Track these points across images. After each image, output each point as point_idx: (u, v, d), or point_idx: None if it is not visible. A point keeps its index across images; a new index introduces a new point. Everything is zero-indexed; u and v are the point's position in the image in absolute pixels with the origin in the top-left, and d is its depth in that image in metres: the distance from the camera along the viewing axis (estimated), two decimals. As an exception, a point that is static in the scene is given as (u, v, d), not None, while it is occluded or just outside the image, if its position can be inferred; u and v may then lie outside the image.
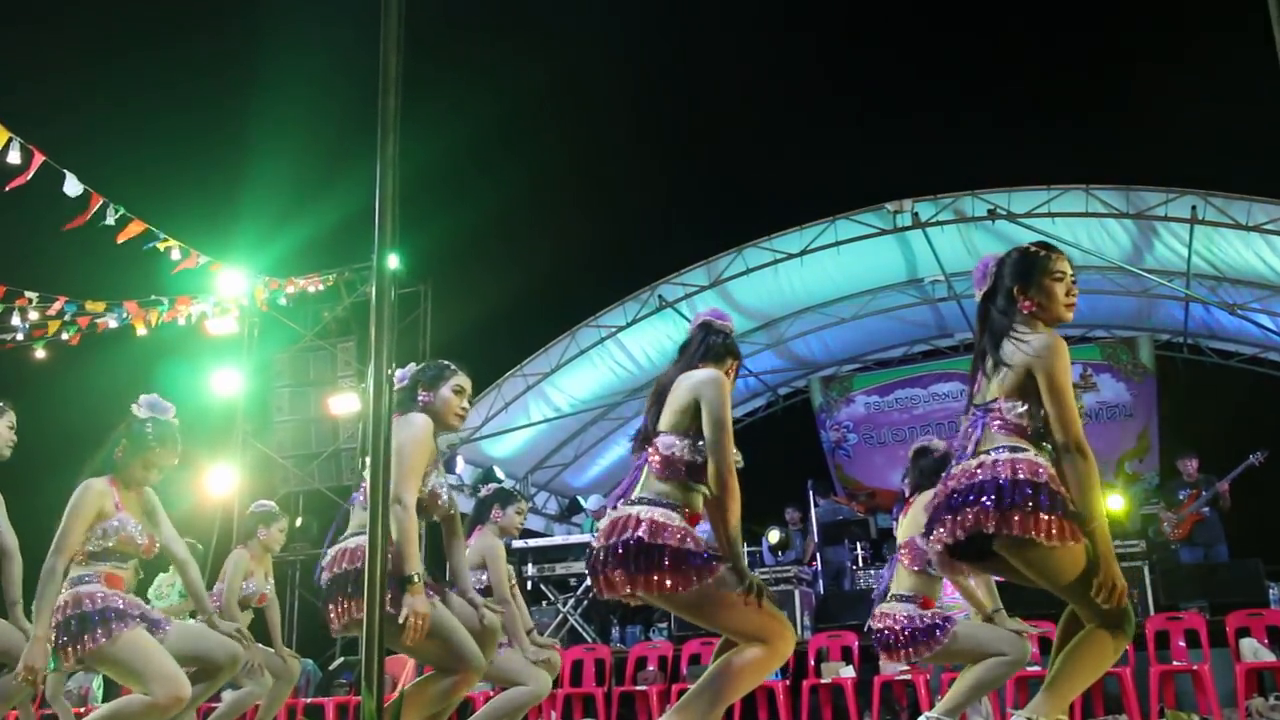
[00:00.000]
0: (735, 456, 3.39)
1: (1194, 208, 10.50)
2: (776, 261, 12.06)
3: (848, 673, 8.12)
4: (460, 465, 12.88)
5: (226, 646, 4.20)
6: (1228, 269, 11.56)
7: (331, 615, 3.58)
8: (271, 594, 6.37)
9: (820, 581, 11.01)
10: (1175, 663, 7.41)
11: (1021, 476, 2.99)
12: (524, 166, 14.41)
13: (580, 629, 10.32)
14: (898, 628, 4.77)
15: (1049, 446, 3.14)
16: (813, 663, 8.35)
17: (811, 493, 11.88)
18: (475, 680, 3.63)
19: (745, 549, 9.84)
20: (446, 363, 3.98)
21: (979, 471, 3.06)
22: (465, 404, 3.97)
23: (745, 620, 3.15)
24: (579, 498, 14.96)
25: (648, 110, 16.13)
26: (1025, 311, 3.23)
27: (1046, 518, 2.92)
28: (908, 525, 4.98)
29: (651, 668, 8.66)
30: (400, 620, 3.40)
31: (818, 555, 11.44)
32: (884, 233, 11.67)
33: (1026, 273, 3.26)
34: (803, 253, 11.85)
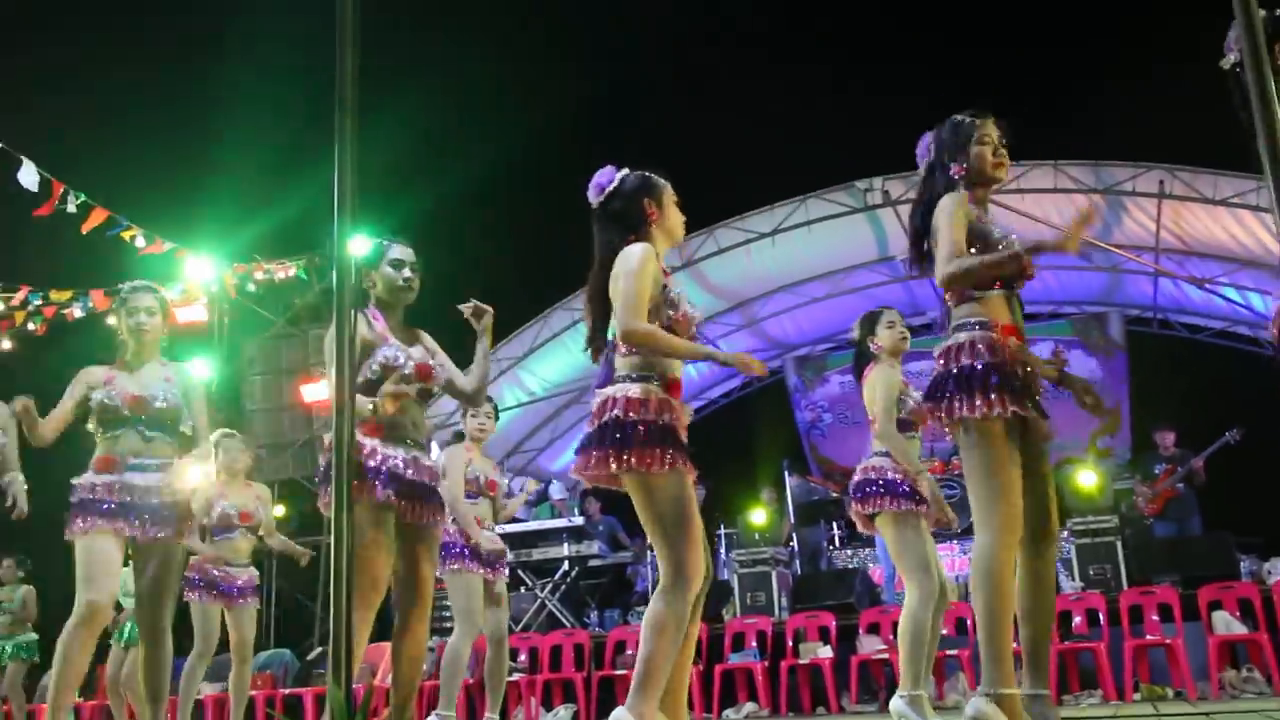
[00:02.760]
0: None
1: (1161, 182, 10.54)
2: (748, 241, 12.04)
3: (825, 653, 8.13)
4: (435, 451, 12.80)
5: None
6: (1195, 243, 11.61)
7: None
8: None
9: (797, 561, 11.03)
10: (1149, 636, 7.46)
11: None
12: (489, 151, 14.29)
13: (559, 614, 10.30)
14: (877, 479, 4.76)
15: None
16: (790, 643, 8.36)
17: (787, 473, 11.88)
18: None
19: (723, 529, 9.78)
20: None
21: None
22: None
23: (670, 546, 3.04)
24: (552, 483, 14.91)
25: (610, 92, 16.05)
26: (956, 177, 3.31)
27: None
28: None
29: (630, 651, 8.64)
30: None
31: (793, 535, 11.45)
32: (855, 211, 11.66)
33: (955, 141, 3.34)
34: (774, 232, 11.83)
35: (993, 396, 3.07)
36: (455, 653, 5.38)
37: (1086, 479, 9.48)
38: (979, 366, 3.11)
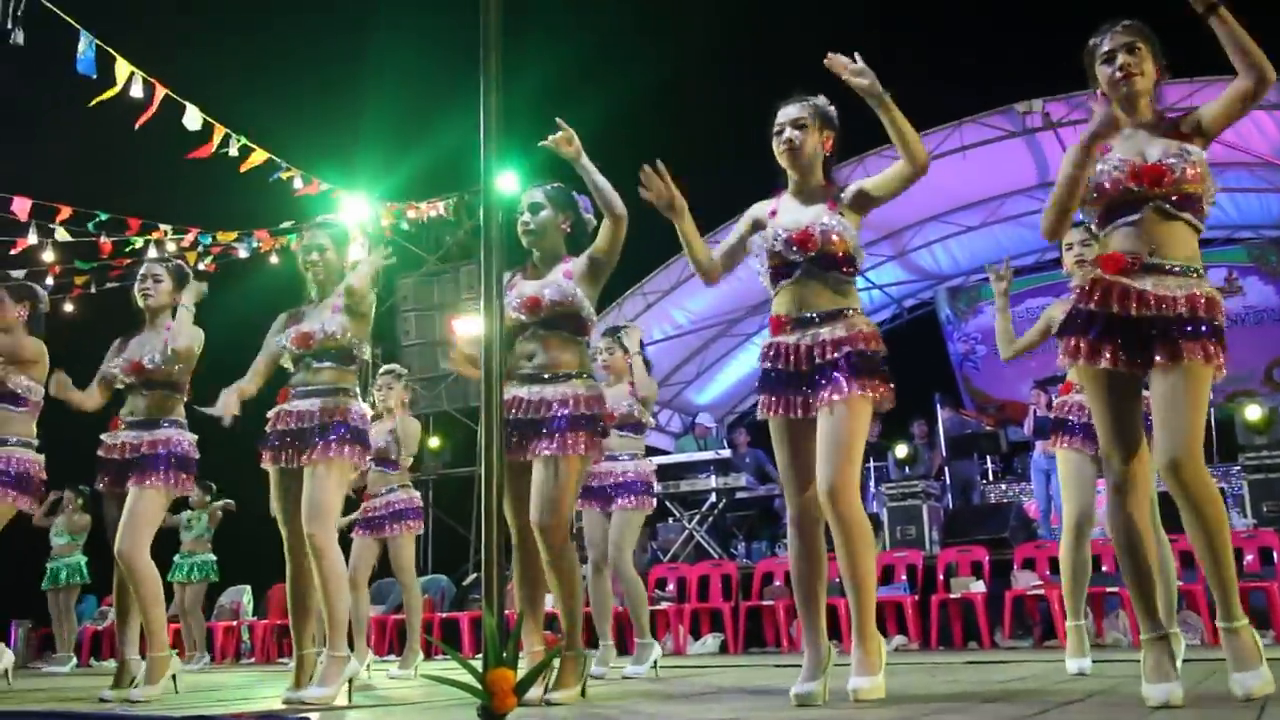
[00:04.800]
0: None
1: (1353, 96, 9.79)
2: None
3: (978, 587, 7.99)
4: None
5: None
6: (1390, 161, 10.80)
7: None
8: None
9: (948, 495, 10.85)
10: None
11: None
12: (633, 85, 14.19)
13: (706, 545, 10.39)
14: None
15: None
16: (941, 577, 8.25)
17: (939, 406, 11.65)
18: None
19: (872, 463, 9.74)
20: None
21: None
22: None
23: None
24: (699, 414, 14.98)
25: (758, 17, 15.70)
26: (1106, 106, 3.05)
27: None
28: None
29: (778, 583, 8.67)
30: None
31: (945, 469, 11.26)
32: (1013, 135, 11.22)
33: (1090, 65, 3.08)
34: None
35: (1073, 342, 2.92)
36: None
37: (1254, 413, 8.99)
38: (1070, 312, 2.99)
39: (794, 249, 3.31)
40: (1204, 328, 2.78)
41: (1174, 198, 2.86)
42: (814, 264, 3.30)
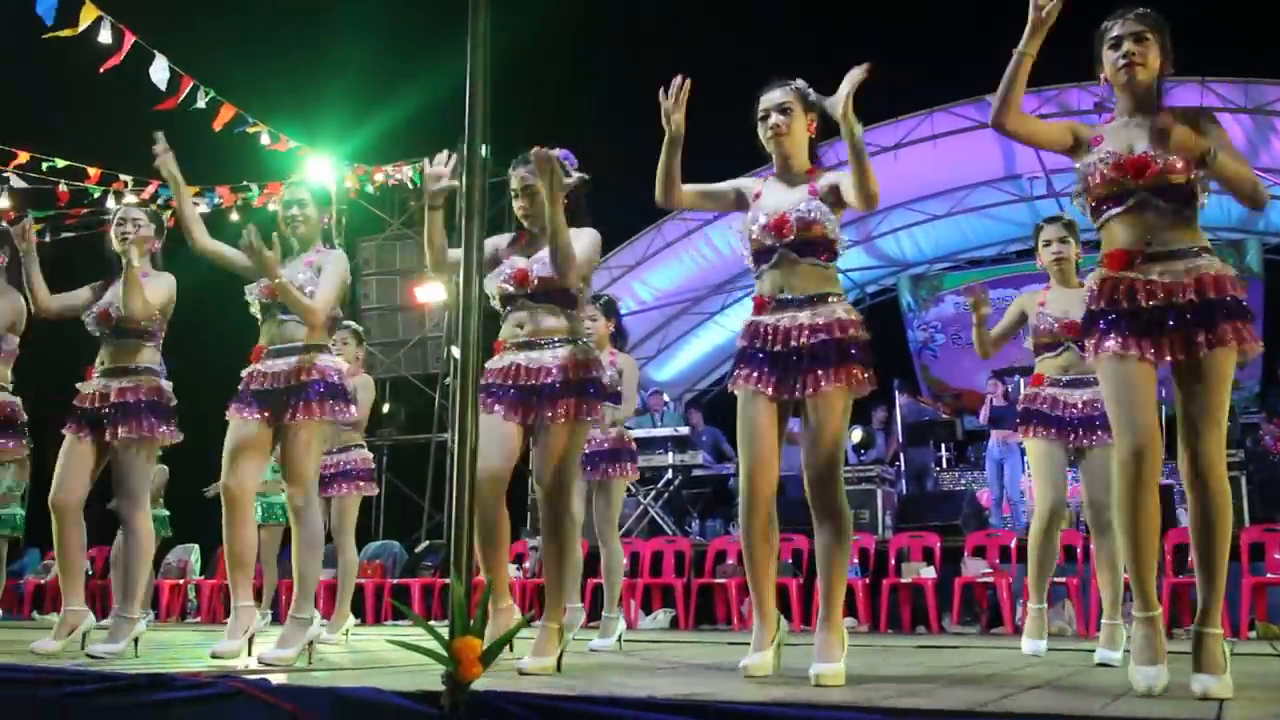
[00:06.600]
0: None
1: (1317, 103, 9.94)
2: (870, 155, 11.73)
3: (928, 573, 8.08)
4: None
5: None
6: (1350, 169, 10.97)
7: None
8: None
9: (903, 481, 10.95)
10: (1269, 575, 7.25)
11: None
12: (616, 54, 14.09)
13: (660, 521, 10.42)
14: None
15: None
16: (893, 562, 8.34)
17: (897, 392, 11.75)
18: None
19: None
20: None
21: None
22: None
23: None
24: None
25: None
26: (1108, 91, 3.09)
27: None
28: None
29: (731, 561, 8.71)
30: None
31: (901, 455, 11.36)
32: (983, 126, 11.24)
33: (1098, 50, 3.08)
34: (896, 146, 11.51)
35: (1090, 343, 2.94)
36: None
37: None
38: (1086, 311, 2.99)
39: (770, 234, 3.32)
40: (1217, 309, 2.78)
41: (1161, 189, 2.88)
42: (790, 249, 3.31)
